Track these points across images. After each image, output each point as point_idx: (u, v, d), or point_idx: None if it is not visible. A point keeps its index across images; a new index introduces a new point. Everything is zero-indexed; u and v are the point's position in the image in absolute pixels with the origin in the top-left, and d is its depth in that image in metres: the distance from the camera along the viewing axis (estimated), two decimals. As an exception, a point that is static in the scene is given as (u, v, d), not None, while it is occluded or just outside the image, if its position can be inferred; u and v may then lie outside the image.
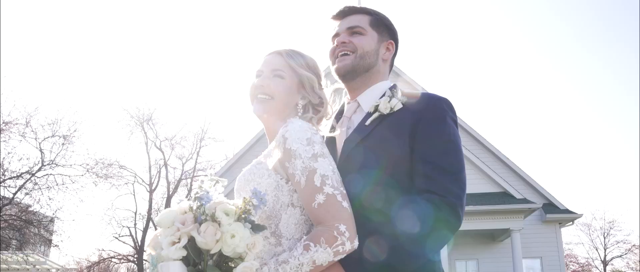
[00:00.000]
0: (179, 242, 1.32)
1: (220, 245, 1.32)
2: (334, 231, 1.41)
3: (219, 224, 1.33)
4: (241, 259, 1.35)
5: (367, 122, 1.71)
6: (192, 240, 1.33)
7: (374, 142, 1.65)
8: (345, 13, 1.88)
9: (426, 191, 1.55)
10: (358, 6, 1.91)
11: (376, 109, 1.72)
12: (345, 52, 1.82)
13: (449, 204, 1.53)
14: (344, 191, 1.49)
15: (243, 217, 1.36)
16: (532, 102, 54.63)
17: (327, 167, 1.50)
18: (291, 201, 1.55)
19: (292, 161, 1.50)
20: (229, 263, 1.36)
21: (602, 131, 54.74)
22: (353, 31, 1.83)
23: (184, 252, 1.33)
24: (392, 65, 1.94)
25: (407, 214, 1.51)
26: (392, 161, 1.62)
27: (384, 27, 1.88)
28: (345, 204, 1.47)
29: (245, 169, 1.65)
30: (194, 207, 1.39)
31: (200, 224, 1.34)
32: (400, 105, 1.70)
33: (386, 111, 1.70)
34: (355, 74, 1.82)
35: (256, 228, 1.37)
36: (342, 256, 1.43)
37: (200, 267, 1.35)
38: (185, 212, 1.39)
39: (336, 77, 1.87)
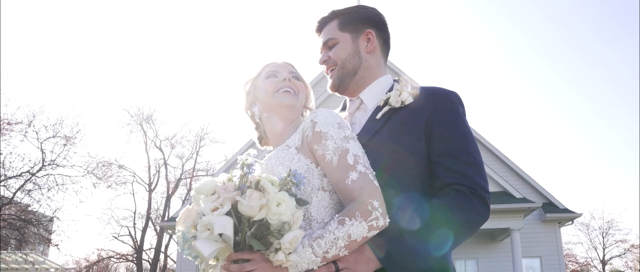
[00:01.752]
0: (221, 207, 1.31)
1: (264, 212, 1.31)
2: (368, 205, 1.42)
3: (264, 192, 1.33)
4: (282, 231, 1.33)
5: (378, 116, 1.69)
6: (234, 207, 1.32)
7: (388, 136, 1.64)
8: (319, 28, 1.89)
9: (454, 183, 1.56)
10: (327, 14, 1.87)
11: (386, 102, 1.71)
12: (331, 68, 1.84)
13: (479, 196, 1.55)
14: (374, 173, 1.50)
15: (286, 189, 1.36)
16: (532, 101, 54.70)
17: (358, 148, 1.52)
18: (322, 185, 1.54)
19: (323, 142, 1.51)
20: (269, 237, 1.35)
21: (600, 131, 54.81)
22: (328, 46, 1.84)
23: (228, 217, 1.32)
24: (386, 49, 1.89)
25: (440, 205, 1.52)
26: (408, 154, 1.61)
27: (356, 21, 1.83)
28: (376, 183, 1.48)
29: (270, 154, 1.65)
30: (236, 177, 1.39)
31: (242, 192, 1.34)
32: (411, 99, 1.68)
33: (397, 105, 1.68)
34: (345, 84, 1.82)
35: (300, 202, 1.37)
36: (375, 232, 1.43)
37: (237, 238, 1.34)
38: (225, 182, 1.39)
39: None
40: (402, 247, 1.45)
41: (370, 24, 1.84)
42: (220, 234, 1.31)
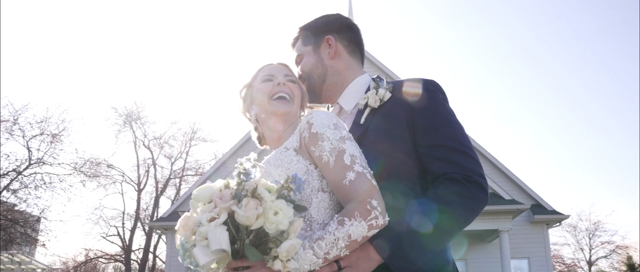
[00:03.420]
0: (218, 218, 1.29)
1: (262, 221, 1.30)
2: (367, 205, 1.41)
3: (261, 200, 1.31)
4: (280, 239, 1.32)
5: (362, 120, 1.69)
6: (231, 216, 1.31)
7: (374, 138, 1.63)
8: (292, 47, 1.93)
9: (447, 173, 1.54)
10: (296, 33, 1.91)
11: (366, 105, 1.70)
12: (303, 82, 1.87)
13: (475, 182, 1.53)
14: (371, 172, 1.50)
15: (284, 195, 1.34)
16: (520, 104, 55.10)
17: (355, 148, 1.51)
18: (321, 186, 1.54)
19: (319, 143, 1.50)
20: (267, 244, 1.33)
21: (588, 134, 55.38)
22: (297, 62, 1.89)
23: (225, 228, 1.31)
24: (355, 49, 1.88)
25: (437, 197, 1.50)
26: (396, 151, 1.60)
27: (315, 32, 1.87)
28: (374, 182, 1.47)
29: (269, 157, 1.64)
30: (232, 184, 1.37)
31: (239, 200, 1.32)
32: (389, 94, 1.68)
33: (377, 104, 1.68)
34: (317, 92, 1.85)
35: (298, 209, 1.36)
36: (375, 231, 1.43)
37: (236, 246, 1.33)
38: (221, 190, 1.37)
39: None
40: (403, 242, 1.45)
41: (330, 31, 1.86)
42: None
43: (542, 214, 15.14)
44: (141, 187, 29.57)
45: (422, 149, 1.59)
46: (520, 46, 54.37)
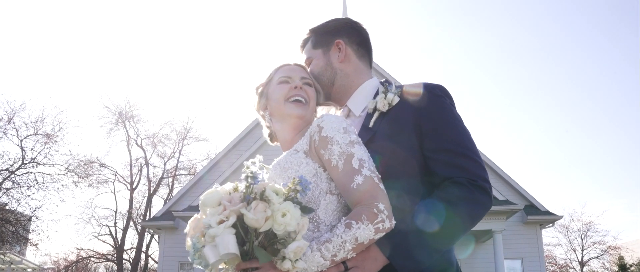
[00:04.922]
0: (227, 220, 1.31)
1: (270, 223, 1.32)
2: (374, 208, 1.44)
3: (269, 203, 1.33)
4: (288, 240, 1.34)
5: (371, 125, 1.70)
6: (240, 219, 1.33)
7: (381, 140, 1.65)
8: (301, 48, 1.95)
9: (452, 177, 1.56)
10: (306, 34, 1.93)
11: (375, 109, 1.72)
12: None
13: (479, 187, 1.55)
14: (379, 176, 1.51)
15: (291, 197, 1.37)
16: (515, 104, 55.36)
17: (363, 153, 1.53)
18: (329, 189, 1.57)
19: (328, 147, 1.53)
20: (276, 245, 1.36)
21: (580, 135, 55.73)
22: (307, 64, 1.90)
23: (232, 231, 1.32)
24: (364, 52, 1.90)
25: (442, 199, 1.52)
26: (403, 154, 1.61)
27: (325, 35, 1.88)
28: (382, 186, 1.49)
29: (279, 159, 1.66)
30: (241, 187, 1.39)
31: (248, 203, 1.34)
32: (397, 99, 1.70)
33: (385, 108, 1.69)
34: (325, 94, 1.86)
35: (305, 210, 1.38)
36: (382, 234, 1.45)
37: (245, 248, 1.35)
38: (230, 193, 1.39)
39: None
40: (407, 243, 1.47)
41: (339, 34, 1.87)
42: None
43: (535, 215, 15.21)
44: (134, 186, 29.45)
45: (428, 152, 1.61)
46: (516, 47, 54.72)
